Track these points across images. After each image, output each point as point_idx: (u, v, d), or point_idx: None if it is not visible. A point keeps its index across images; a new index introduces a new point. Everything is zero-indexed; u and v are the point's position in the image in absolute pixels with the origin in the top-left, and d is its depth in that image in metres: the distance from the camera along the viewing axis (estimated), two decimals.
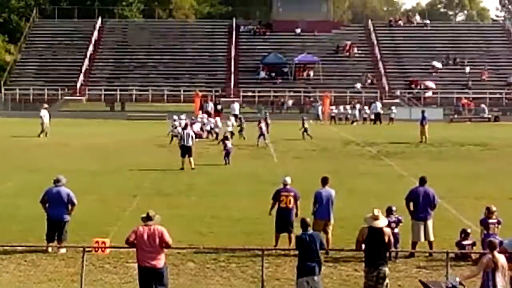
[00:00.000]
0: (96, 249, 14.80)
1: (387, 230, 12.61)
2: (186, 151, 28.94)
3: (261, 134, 37.60)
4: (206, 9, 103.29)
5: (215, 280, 14.44)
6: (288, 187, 16.87)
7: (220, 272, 14.85)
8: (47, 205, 16.33)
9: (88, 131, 45.03)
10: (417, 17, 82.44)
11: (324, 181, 16.70)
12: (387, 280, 12.45)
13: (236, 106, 56.90)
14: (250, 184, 25.54)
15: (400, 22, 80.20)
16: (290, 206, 16.57)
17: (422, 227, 16.22)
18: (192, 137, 29.30)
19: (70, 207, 16.41)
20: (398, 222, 15.96)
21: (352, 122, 57.15)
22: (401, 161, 32.08)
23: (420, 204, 16.32)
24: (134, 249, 12.57)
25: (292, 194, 16.67)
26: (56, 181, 16.53)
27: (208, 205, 21.52)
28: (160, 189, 24.38)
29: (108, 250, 15.18)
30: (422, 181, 16.73)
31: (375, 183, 26.06)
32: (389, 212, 15.79)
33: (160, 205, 20.67)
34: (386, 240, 12.45)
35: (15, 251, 15.76)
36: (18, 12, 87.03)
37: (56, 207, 16.22)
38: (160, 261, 12.28)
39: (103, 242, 14.95)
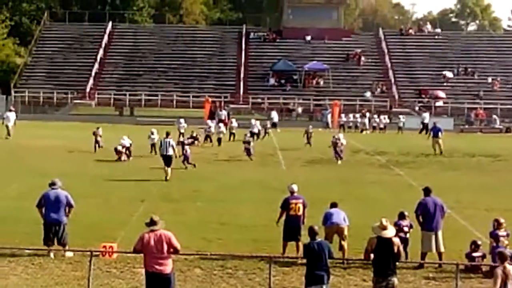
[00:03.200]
0: (104, 254, 14.77)
1: (396, 240, 12.50)
2: (167, 160, 27.76)
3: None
4: (217, 15, 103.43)
5: (222, 286, 14.34)
6: (295, 194, 16.79)
7: (227, 279, 14.75)
8: (43, 209, 16.20)
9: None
10: (428, 26, 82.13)
11: (333, 205, 16.72)
12: None
13: (275, 114, 56.56)
14: (258, 191, 25.42)
15: (411, 31, 80.00)
16: (299, 213, 16.52)
17: (433, 238, 16.07)
18: (172, 146, 27.94)
19: (67, 209, 16.31)
20: (410, 226, 16.09)
21: (362, 131, 57.04)
22: (411, 171, 31.90)
23: (431, 215, 16.17)
24: (142, 255, 12.46)
25: (300, 201, 16.63)
26: (52, 184, 16.45)
27: (216, 212, 21.43)
28: (167, 195, 24.30)
29: (115, 255, 15.16)
30: (427, 191, 16.62)
31: (384, 192, 25.91)
32: (401, 216, 15.95)
33: (167, 210, 20.63)
34: (395, 250, 12.33)
35: (23, 254, 15.73)
36: (29, 15, 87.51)
37: (54, 210, 16.11)
38: (168, 267, 12.19)
39: (111, 247, 14.91)
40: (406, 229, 15.86)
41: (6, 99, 66.87)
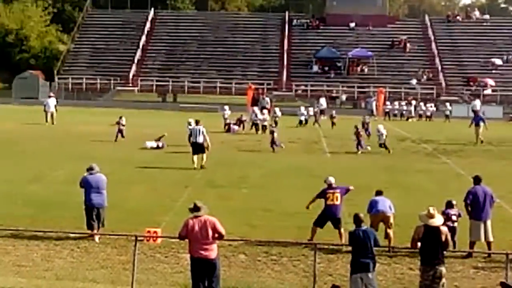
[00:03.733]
0: (148, 239, 14.80)
1: (444, 229, 12.30)
2: (197, 148, 27.09)
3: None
4: (259, 1, 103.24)
5: (267, 273, 14.24)
6: (333, 186, 16.63)
7: (272, 265, 14.65)
8: (84, 193, 16.36)
9: (140, 121, 45.27)
10: (476, 13, 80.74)
11: (379, 193, 16.57)
12: (443, 280, 12.11)
13: (323, 101, 56.27)
14: (302, 178, 25.22)
15: (458, 17, 78.80)
16: (337, 202, 16.39)
17: (482, 227, 15.80)
18: (203, 133, 27.09)
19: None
20: (458, 215, 15.82)
21: (408, 119, 56.41)
22: (458, 159, 31.33)
23: (481, 204, 15.89)
24: (186, 240, 12.41)
25: (338, 191, 16.50)
26: (90, 169, 16.56)
27: (260, 198, 21.33)
28: (212, 181, 24.25)
29: (159, 240, 15.16)
30: (477, 180, 16.35)
31: (431, 181, 25.51)
32: (449, 205, 15.70)
33: (211, 196, 20.59)
34: (443, 239, 12.12)
35: (68, 238, 15.86)
36: (72, 2, 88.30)
37: (95, 194, 16.26)
38: (213, 252, 12.12)
39: (155, 232, 14.95)
40: (454, 218, 15.61)
41: (50, 85, 67.80)
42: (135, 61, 71.07)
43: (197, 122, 28.13)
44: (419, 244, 12.22)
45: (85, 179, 16.43)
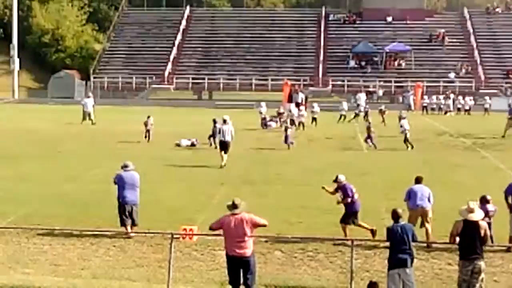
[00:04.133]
0: (184, 236, 14.74)
1: (483, 224, 12.13)
2: (225, 146, 26.85)
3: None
4: None
5: (303, 269, 14.14)
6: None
7: (308, 262, 14.55)
8: (118, 190, 16.40)
9: (176, 119, 45.45)
10: None
11: (418, 180, 16.40)
12: (482, 275, 11.96)
13: (362, 96, 55.67)
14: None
15: (498, 9, 77.67)
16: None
17: None
18: (231, 131, 27.05)
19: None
20: (495, 211, 15.42)
21: (446, 113, 55.76)
22: (498, 153, 30.84)
23: None
24: (222, 237, 12.37)
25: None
26: (125, 166, 16.59)
27: (297, 195, 21.21)
28: (248, 178, 24.19)
29: (195, 238, 15.11)
30: None
31: (470, 175, 25.16)
32: (484, 200, 15.19)
33: (247, 193, 20.51)
34: (482, 233, 11.96)
35: (104, 236, 15.90)
36: (107, 1, 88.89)
37: (130, 191, 16.30)
38: (248, 250, 12.11)
39: (191, 230, 14.87)
40: (491, 213, 15.22)
41: (86, 84, 68.40)
42: (171, 59, 71.35)
43: (224, 121, 27.51)
44: (457, 239, 12.07)
45: (119, 176, 16.49)
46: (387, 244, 12.25)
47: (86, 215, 18.02)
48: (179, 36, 74.30)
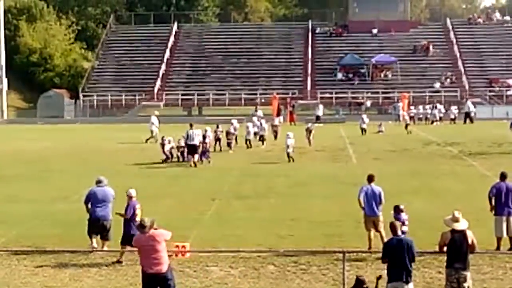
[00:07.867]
0: (177, 253, 14.83)
1: (470, 233, 12.17)
2: (192, 149, 30.74)
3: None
4: (282, 11, 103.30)
5: (296, 283, 14.22)
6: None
7: (301, 275, 14.62)
8: (89, 205, 16.40)
9: (168, 135, 45.28)
10: (497, 14, 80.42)
11: (370, 179, 16.66)
12: (468, 284, 12.00)
13: (320, 107, 56.17)
14: (329, 186, 25.21)
15: (479, 20, 78.42)
16: None
17: (504, 223, 16.02)
18: (197, 135, 31.07)
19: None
20: (407, 220, 15.32)
21: (432, 122, 56.12)
22: (484, 161, 31.17)
23: (503, 200, 16.13)
24: (215, 254, 12.40)
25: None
26: (98, 182, 16.61)
27: (288, 208, 21.30)
28: (239, 192, 24.26)
29: (188, 254, 15.21)
30: (503, 176, 16.55)
31: (457, 183, 25.40)
32: (398, 210, 15.27)
33: (239, 208, 20.62)
34: (470, 242, 12.05)
35: (96, 255, 15.89)
36: (95, 19, 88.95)
37: (101, 206, 16.29)
38: (164, 265, 11.99)
39: (183, 246, 14.97)
40: (406, 222, 15.09)
41: (75, 103, 68.34)
42: (160, 75, 71.51)
43: (191, 126, 31.45)
44: (445, 248, 12.16)
45: (92, 192, 16.52)
46: (379, 255, 12.34)
47: (75, 236, 17.74)
48: (167, 53, 74.49)
